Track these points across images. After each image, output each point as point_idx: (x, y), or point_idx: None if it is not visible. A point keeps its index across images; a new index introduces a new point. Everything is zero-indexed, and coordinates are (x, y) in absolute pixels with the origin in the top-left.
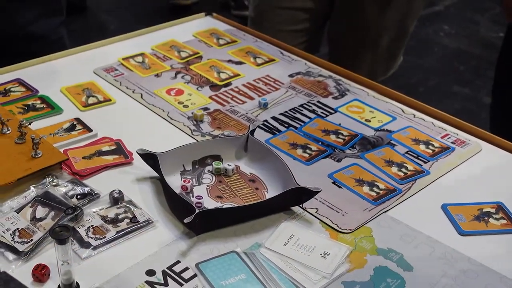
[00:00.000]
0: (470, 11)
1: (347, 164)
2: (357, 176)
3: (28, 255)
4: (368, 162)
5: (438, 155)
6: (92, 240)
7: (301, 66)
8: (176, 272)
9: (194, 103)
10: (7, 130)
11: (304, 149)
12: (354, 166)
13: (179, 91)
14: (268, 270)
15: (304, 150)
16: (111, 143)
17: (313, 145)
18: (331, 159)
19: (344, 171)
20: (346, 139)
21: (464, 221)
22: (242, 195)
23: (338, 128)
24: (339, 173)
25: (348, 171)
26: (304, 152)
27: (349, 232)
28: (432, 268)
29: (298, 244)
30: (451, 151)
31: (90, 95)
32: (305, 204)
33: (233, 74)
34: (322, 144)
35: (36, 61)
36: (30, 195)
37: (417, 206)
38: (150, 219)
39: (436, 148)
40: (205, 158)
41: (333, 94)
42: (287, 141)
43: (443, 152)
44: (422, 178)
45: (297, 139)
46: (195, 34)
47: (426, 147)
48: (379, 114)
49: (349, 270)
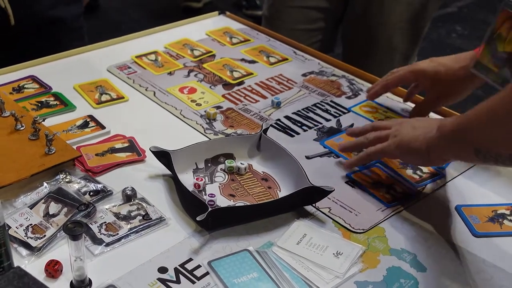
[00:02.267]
0: (483, 12)
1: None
2: (375, 177)
3: (41, 251)
4: (382, 164)
5: None
6: (104, 236)
7: (314, 65)
8: (189, 270)
9: (207, 102)
10: (21, 126)
11: (360, 152)
12: (373, 168)
13: (192, 89)
14: (281, 268)
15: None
16: (124, 141)
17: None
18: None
19: (363, 172)
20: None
21: (478, 223)
22: (254, 194)
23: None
24: (357, 174)
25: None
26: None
27: (362, 232)
28: (446, 270)
29: (311, 243)
30: None
31: (103, 92)
32: (318, 203)
33: (246, 73)
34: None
35: (49, 58)
36: (43, 191)
37: (431, 206)
38: (163, 217)
39: None
40: (218, 157)
41: (346, 93)
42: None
43: None
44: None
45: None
46: (208, 32)
47: None
48: (393, 114)
49: (362, 270)
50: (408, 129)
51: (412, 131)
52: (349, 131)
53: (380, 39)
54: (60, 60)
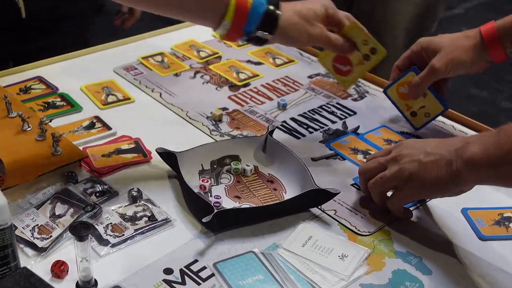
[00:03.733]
0: (490, 14)
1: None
2: None
3: (47, 251)
4: None
5: None
6: (110, 237)
7: (320, 67)
8: (194, 271)
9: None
10: (27, 127)
11: (365, 155)
12: None
13: None
14: (286, 271)
15: (365, 156)
16: (130, 142)
17: (374, 151)
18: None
19: None
20: None
21: (485, 226)
22: (260, 196)
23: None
24: None
25: None
26: (364, 158)
27: (368, 235)
28: (451, 273)
29: (316, 246)
30: None
31: (110, 93)
32: (324, 205)
33: (252, 74)
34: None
35: (56, 59)
36: (49, 192)
37: (437, 209)
38: (168, 218)
39: None
40: (224, 158)
41: (352, 95)
42: (348, 145)
43: None
44: None
45: (358, 145)
46: (215, 34)
47: None
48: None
49: (367, 272)
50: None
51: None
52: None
53: (384, 39)
54: (67, 61)
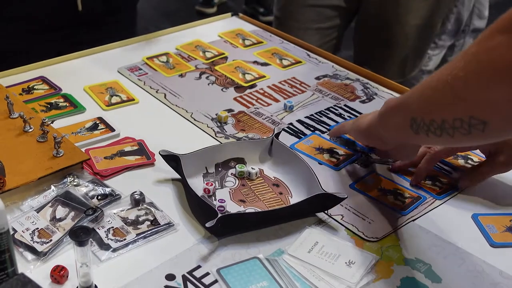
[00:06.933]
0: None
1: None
2: (378, 185)
3: (47, 256)
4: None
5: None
6: (112, 242)
7: (328, 68)
8: (197, 277)
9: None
10: (29, 128)
11: (331, 153)
12: (373, 175)
13: None
14: (291, 277)
15: (332, 155)
16: (134, 144)
17: (339, 149)
18: (357, 164)
19: (365, 180)
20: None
21: (496, 232)
22: (265, 200)
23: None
24: (360, 183)
25: (369, 179)
26: (331, 157)
27: (376, 241)
28: (462, 281)
29: (323, 252)
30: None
31: (114, 94)
32: (330, 210)
33: (258, 75)
34: (348, 148)
35: (59, 59)
36: (50, 194)
37: (446, 215)
38: (171, 222)
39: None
40: (229, 161)
41: (361, 97)
42: (313, 145)
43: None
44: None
45: (323, 144)
46: (221, 34)
47: (454, 157)
48: None
49: (375, 280)
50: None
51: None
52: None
53: (393, 37)
54: (70, 61)
